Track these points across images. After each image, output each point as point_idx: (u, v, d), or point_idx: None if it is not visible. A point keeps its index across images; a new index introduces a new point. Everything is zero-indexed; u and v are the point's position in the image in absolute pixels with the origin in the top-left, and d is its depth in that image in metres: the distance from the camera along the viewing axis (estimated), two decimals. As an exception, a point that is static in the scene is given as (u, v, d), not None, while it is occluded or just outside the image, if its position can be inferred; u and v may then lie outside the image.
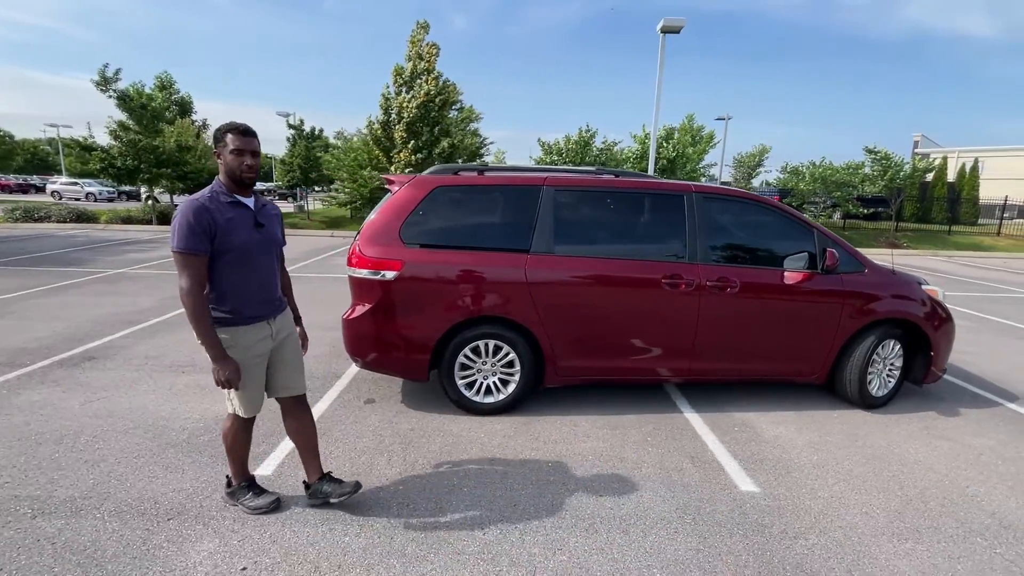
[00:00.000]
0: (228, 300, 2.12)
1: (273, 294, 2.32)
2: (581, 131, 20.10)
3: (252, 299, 2.19)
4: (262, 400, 2.35)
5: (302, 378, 2.47)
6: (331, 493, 2.44)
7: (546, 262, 3.43)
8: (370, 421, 3.47)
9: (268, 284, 2.27)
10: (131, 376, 4.11)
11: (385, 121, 16.23)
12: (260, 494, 2.49)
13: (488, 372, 3.56)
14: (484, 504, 2.60)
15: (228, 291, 2.12)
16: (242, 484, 2.49)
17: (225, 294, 2.12)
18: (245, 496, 2.46)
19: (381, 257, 3.35)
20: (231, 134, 2.05)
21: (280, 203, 35.41)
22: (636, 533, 2.42)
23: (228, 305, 2.13)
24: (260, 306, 2.22)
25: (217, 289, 2.10)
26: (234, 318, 2.14)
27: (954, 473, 3.05)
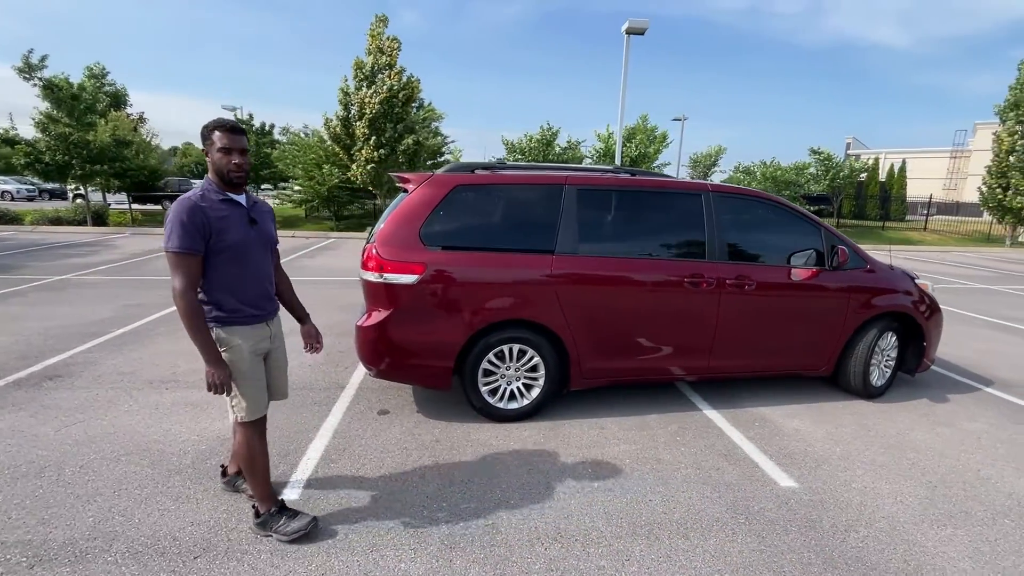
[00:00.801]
0: (227, 299, 2.08)
1: (270, 295, 2.27)
2: (543, 129, 20.20)
3: (251, 297, 2.14)
4: (267, 400, 2.27)
5: (286, 383, 2.47)
6: (247, 489, 2.44)
7: (572, 263, 3.35)
8: (391, 434, 3.28)
9: (266, 282, 2.23)
10: (106, 395, 3.69)
11: (345, 117, 15.65)
12: (294, 516, 2.29)
13: (512, 377, 3.45)
14: (536, 516, 2.50)
15: (226, 290, 2.07)
16: (272, 511, 2.29)
17: (224, 293, 2.07)
18: (278, 523, 2.26)
19: (402, 260, 3.16)
20: (219, 131, 2.00)
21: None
22: (696, 537, 2.39)
23: (228, 304, 2.08)
24: (260, 305, 2.18)
25: (215, 289, 2.06)
26: (234, 317, 2.10)
27: (964, 457, 3.22)
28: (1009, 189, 18.28)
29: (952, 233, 21.68)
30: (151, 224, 17.07)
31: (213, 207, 2.01)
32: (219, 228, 2.00)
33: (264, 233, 2.21)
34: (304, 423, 3.38)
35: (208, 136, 2.02)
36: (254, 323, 2.16)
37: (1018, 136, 18.21)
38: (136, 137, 18.08)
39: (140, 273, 8.45)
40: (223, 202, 2.05)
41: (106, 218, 17.45)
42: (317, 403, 3.70)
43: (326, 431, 3.29)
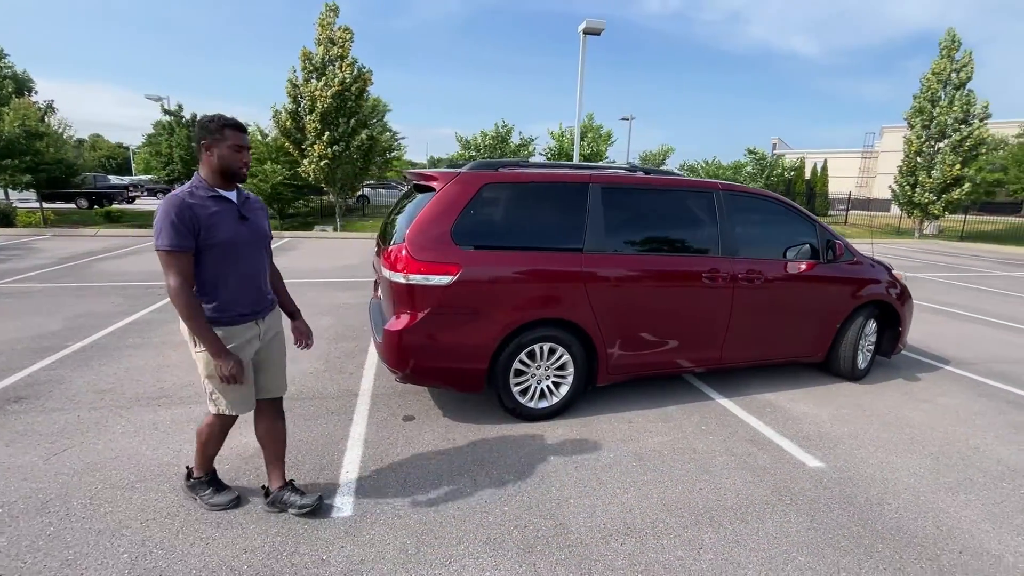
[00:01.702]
0: (216, 297, 2.06)
1: (263, 291, 2.26)
2: (497, 126, 20.19)
3: (241, 296, 2.13)
4: (253, 399, 2.28)
5: (284, 379, 2.46)
6: (293, 503, 2.39)
7: (600, 260, 3.38)
8: (424, 440, 3.18)
9: (258, 280, 2.22)
10: (91, 417, 3.32)
11: (294, 111, 14.88)
12: (220, 490, 2.43)
13: (542, 376, 3.44)
14: (600, 513, 2.52)
15: (216, 288, 2.06)
16: (202, 477, 2.42)
17: (213, 291, 2.06)
18: (205, 491, 2.41)
19: (436, 260, 3.06)
20: (230, 130, 2.02)
21: (154, 200, 30.97)
22: (754, 521, 2.50)
23: (216, 303, 2.07)
24: (250, 303, 2.17)
25: (204, 286, 2.04)
26: (221, 317, 2.08)
27: (951, 430, 3.58)
28: (917, 186, 20.36)
29: (868, 227, 23.88)
30: (67, 224, 15.42)
31: (202, 203, 1.98)
32: (208, 224, 1.98)
33: (256, 230, 2.18)
34: (330, 434, 3.21)
35: (217, 133, 2.00)
36: (241, 323, 2.14)
37: (924, 139, 20.33)
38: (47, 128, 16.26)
39: (80, 279, 7.63)
40: (213, 199, 2.03)
41: (13, 219, 15.58)
42: (335, 412, 3.51)
43: (355, 441, 3.13)
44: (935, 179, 19.72)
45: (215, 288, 2.06)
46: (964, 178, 19.51)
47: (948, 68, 20.08)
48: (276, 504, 2.40)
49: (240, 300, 2.12)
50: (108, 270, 8.40)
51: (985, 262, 14.47)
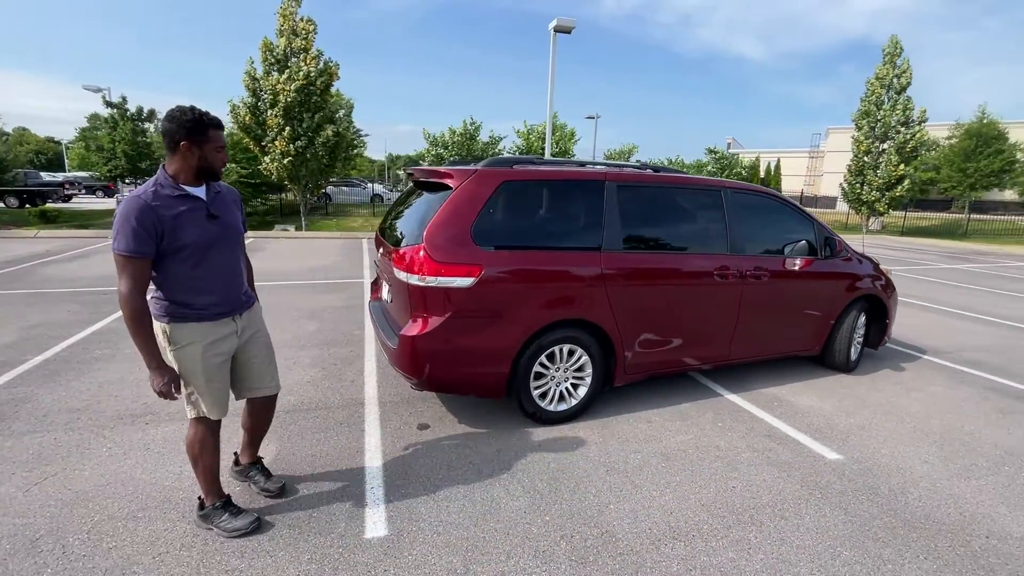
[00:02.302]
0: (183, 296, 2.02)
1: (238, 288, 2.21)
2: (465, 123, 19.97)
3: (213, 295, 2.08)
4: (228, 401, 2.22)
5: (273, 377, 2.40)
6: (259, 483, 2.48)
7: (618, 259, 3.34)
8: (446, 450, 3.04)
9: (231, 278, 2.16)
10: (69, 439, 3.00)
11: (254, 105, 14.18)
12: (237, 514, 2.27)
13: (561, 379, 3.37)
14: (643, 518, 2.47)
15: (186, 288, 2.01)
16: (216, 505, 2.26)
17: (182, 292, 2.01)
18: (221, 518, 2.24)
19: (457, 262, 2.93)
20: (214, 130, 1.99)
21: (93, 198, 28.90)
22: (793, 517, 2.52)
23: (184, 300, 2.02)
24: (224, 302, 2.12)
25: (173, 287, 2.00)
26: (188, 313, 2.03)
27: (946, 417, 3.75)
28: (864, 185, 21.58)
29: (820, 223, 25.13)
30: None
31: (166, 204, 1.91)
32: (173, 227, 1.91)
33: (227, 226, 2.11)
34: (344, 447, 3.02)
35: (201, 134, 1.95)
36: (214, 319, 2.08)
37: (870, 140, 21.56)
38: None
39: (27, 285, 6.96)
40: (179, 198, 1.95)
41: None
42: (344, 423, 3.32)
43: (373, 453, 2.96)
44: (880, 178, 20.96)
45: (183, 287, 2.01)
46: (906, 177, 20.83)
47: (891, 73, 21.37)
48: (242, 476, 2.54)
49: (213, 298, 2.08)
50: (57, 275, 7.71)
51: (929, 255, 15.49)
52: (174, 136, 1.92)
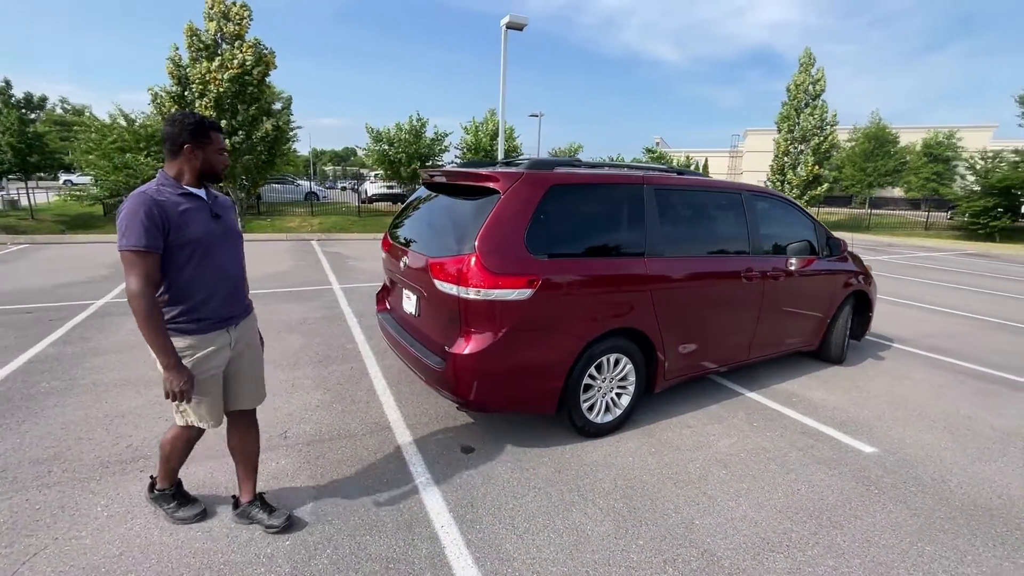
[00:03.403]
0: (186, 300, 1.96)
1: (239, 294, 2.17)
2: (412, 119, 19.33)
3: (215, 300, 2.03)
4: (222, 413, 2.19)
5: (259, 390, 2.33)
6: (261, 521, 2.32)
7: (661, 264, 3.28)
8: (503, 475, 2.83)
9: (234, 282, 2.12)
10: (47, 499, 2.46)
11: (180, 94, 12.84)
12: (184, 504, 2.34)
13: (606, 389, 3.26)
14: (731, 531, 2.42)
15: (188, 290, 1.95)
16: (166, 490, 2.32)
17: (184, 293, 1.95)
18: (169, 504, 2.32)
19: (515, 273, 2.73)
20: (215, 133, 2.02)
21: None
22: (865, 516, 2.58)
23: (185, 306, 1.96)
24: (223, 307, 2.06)
25: (175, 290, 1.94)
26: (190, 325, 1.98)
27: (941, 403, 4.05)
28: (786, 183, 23.37)
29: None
30: None
31: (172, 200, 1.89)
32: (179, 223, 1.88)
33: (229, 227, 2.10)
34: (389, 480, 2.73)
35: (204, 137, 1.97)
36: (209, 331, 2.02)
37: (789, 142, 23.38)
38: None
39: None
40: (182, 196, 1.94)
41: None
42: (378, 452, 3.01)
43: (425, 485, 2.70)
44: (800, 176, 22.80)
45: (187, 289, 1.95)
46: (821, 176, 22.81)
47: (807, 81, 23.26)
48: (245, 518, 2.33)
49: (213, 303, 2.01)
50: (-46, 291, 6.50)
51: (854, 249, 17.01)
52: (176, 139, 1.92)
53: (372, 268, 9.09)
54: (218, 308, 2.04)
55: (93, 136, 15.51)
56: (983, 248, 18.42)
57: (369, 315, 5.86)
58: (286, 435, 3.16)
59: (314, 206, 21.00)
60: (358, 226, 18.04)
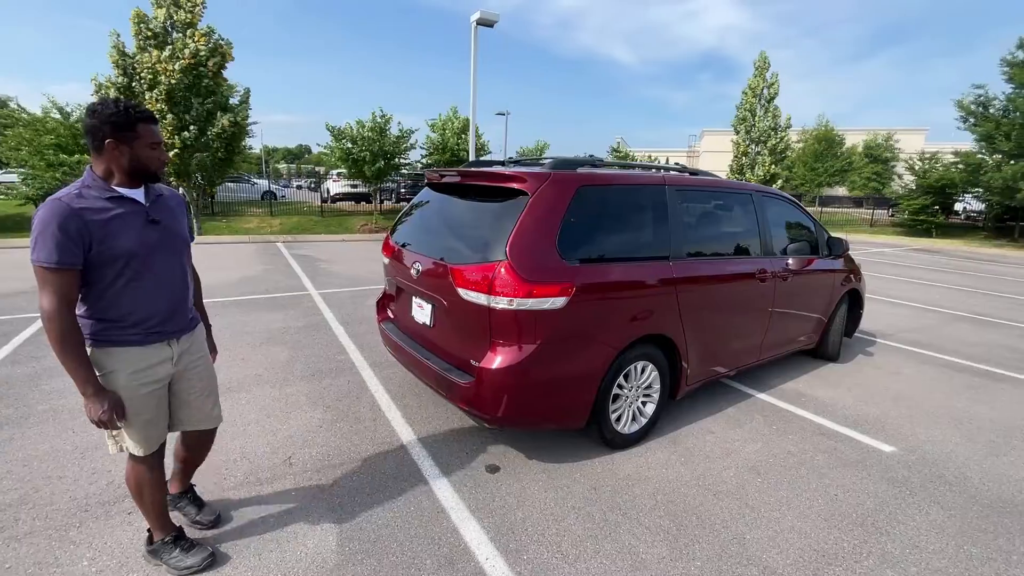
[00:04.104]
0: (113, 314, 1.76)
1: (182, 306, 1.95)
2: (375, 116, 18.69)
3: (152, 314, 1.82)
4: (162, 434, 1.98)
5: (213, 409, 2.16)
6: (190, 515, 2.26)
7: (685, 268, 3.19)
8: (537, 495, 2.66)
9: (175, 294, 1.91)
10: (22, 555, 2.11)
11: (127, 86, 11.88)
12: (190, 550, 2.07)
13: (632, 398, 3.14)
14: (785, 544, 2.34)
15: (114, 304, 1.75)
16: (166, 540, 2.05)
17: (113, 309, 1.75)
18: (172, 554, 2.04)
19: (549, 280, 2.55)
20: (144, 124, 1.74)
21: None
22: (906, 520, 2.57)
23: (113, 320, 1.76)
24: (161, 322, 1.86)
25: (101, 304, 1.74)
26: (113, 335, 1.77)
27: (936, 398, 4.17)
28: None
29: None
30: None
31: (94, 208, 1.67)
32: (104, 233, 1.67)
33: (170, 234, 1.87)
34: (417, 508, 2.50)
35: (128, 129, 1.70)
36: (145, 343, 1.82)
37: (747, 143, 24.23)
38: None
39: None
40: (111, 200, 1.71)
41: None
42: (397, 477, 2.77)
43: (457, 511, 2.49)
44: (758, 176, 23.66)
45: (117, 307, 1.75)
46: (778, 175, 23.76)
47: (761, 85, 24.15)
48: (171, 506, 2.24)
49: (149, 318, 1.81)
50: None
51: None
52: (97, 133, 1.68)
53: (348, 272, 8.68)
54: (157, 321, 1.85)
55: (22, 131, 14.23)
56: (927, 244, 19.65)
57: (355, 323, 5.54)
58: (291, 461, 2.87)
59: (273, 206, 20.06)
60: (321, 226, 17.39)
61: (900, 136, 38.92)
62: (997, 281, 10.92)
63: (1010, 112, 18.38)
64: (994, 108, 19.15)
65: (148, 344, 1.83)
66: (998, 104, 19.01)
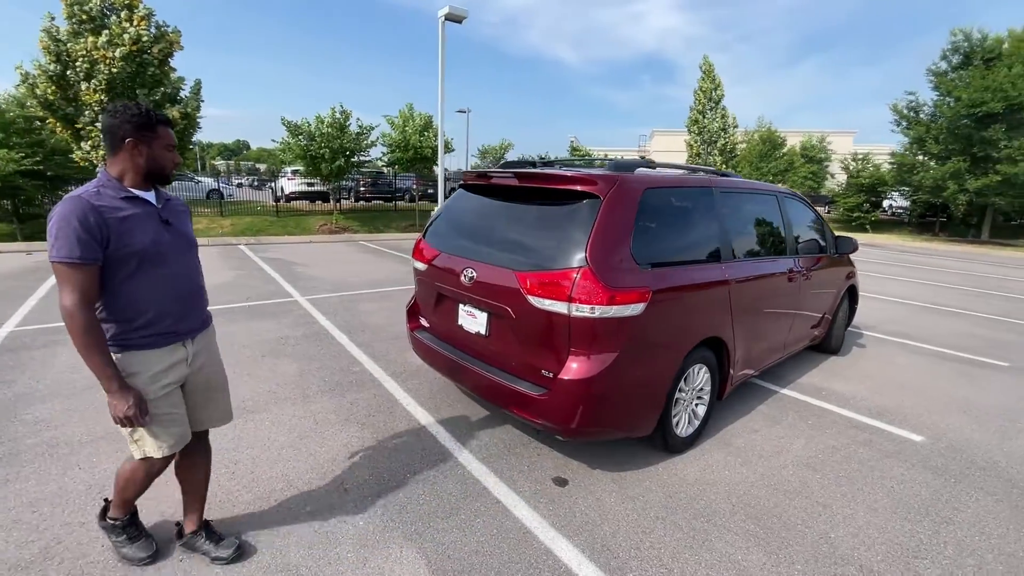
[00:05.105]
0: (131, 315, 1.77)
1: (196, 305, 1.98)
2: (334, 111, 17.93)
3: (167, 314, 1.84)
4: (186, 433, 1.97)
5: (223, 409, 2.16)
6: (208, 552, 2.13)
7: (735, 269, 3.22)
8: (614, 507, 2.58)
9: (189, 293, 1.94)
10: None
11: (60, 74, 10.74)
12: (136, 540, 2.08)
13: (688, 401, 3.13)
14: (870, 540, 2.40)
15: (135, 307, 1.77)
16: (118, 521, 2.07)
17: (130, 311, 1.77)
18: (118, 537, 2.08)
19: (630, 286, 2.48)
20: (164, 127, 1.81)
21: None
22: (963, 508, 2.70)
23: (131, 321, 1.77)
24: (176, 321, 1.87)
25: (120, 304, 1.75)
26: (133, 339, 1.78)
27: (937, 384, 4.45)
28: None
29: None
30: None
31: (112, 206, 1.70)
32: (122, 231, 1.70)
33: (182, 235, 1.93)
34: (499, 530, 2.37)
35: (149, 131, 1.76)
36: (163, 345, 1.84)
37: (699, 143, 25.20)
38: None
39: None
40: (127, 200, 1.75)
41: None
42: (467, 496, 2.61)
43: (542, 531, 2.37)
44: (710, 175, 24.70)
45: (134, 305, 1.76)
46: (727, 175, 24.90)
47: (709, 87, 25.19)
48: (189, 548, 2.15)
49: (164, 317, 1.82)
50: None
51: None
52: (117, 133, 1.73)
53: (329, 276, 8.24)
54: (171, 321, 1.85)
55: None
56: (866, 239, 21.16)
57: (358, 331, 5.25)
58: (345, 487, 2.65)
59: (223, 206, 18.84)
60: (278, 227, 16.56)
61: (832, 138, 41.77)
62: (939, 273, 11.91)
63: (937, 118, 20.12)
64: (924, 113, 20.90)
65: (164, 346, 1.84)
66: (927, 110, 20.78)
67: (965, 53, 20.24)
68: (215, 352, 2.13)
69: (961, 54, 20.37)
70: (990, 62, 19.38)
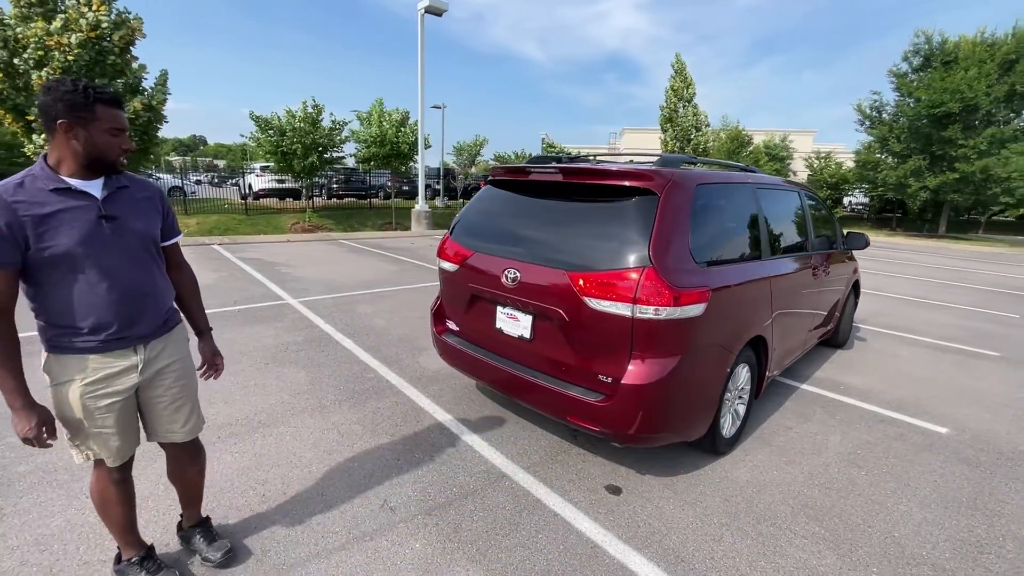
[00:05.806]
0: (68, 319, 1.60)
1: (142, 309, 1.72)
2: (305, 105, 17.29)
3: (109, 320, 1.63)
4: (130, 448, 1.82)
5: (190, 419, 1.94)
6: (200, 550, 2.06)
7: (775, 267, 3.20)
8: (674, 514, 2.50)
9: (132, 296, 1.68)
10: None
11: (8, 61, 9.92)
12: (158, 572, 1.92)
13: (732, 400, 3.07)
14: (931, 536, 2.39)
15: (70, 311, 1.59)
16: (133, 559, 1.91)
17: (63, 313, 1.59)
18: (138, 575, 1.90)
19: (692, 286, 2.39)
20: (103, 106, 1.56)
21: None
22: (1006, 500, 2.74)
23: (68, 325, 1.60)
24: (124, 327, 1.67)
25: (56, 308, 1.59)
26: (74, 343, 1.62)
27: (942, 378, 4.57)
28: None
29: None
30: None
31: (34, 200, 1.50)
32: (42, 231, 1.50)
33: (129, 231, 1.66)
34: (564, 545, 2.24)
35: (84, 110, 1.52)
36: (105, 351, 1.65)
37: (673, 140, 25.61)
38: None
39: None
40: (56, 193, 1.53)
41: None
42: (520, 510, 2.47)
43: (607, 541, 2.27)
44: (683, 173, 25.15)
45: (67, 308, 1.58)
46: (700, 172, 25.43)
47: (681, 86, 25.62)
48: (185, 542, 2.11)
49: (106, 323, 1.62)
50: None
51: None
52: (50, 113, 1.51)
53: (317, 277, 7.89)
54: (114, 327, 1.64)
55: None
56: (829, 234, 22.00)
57: (362, 335, 5.01)
58: (390, 505, 2.47)
59: (187, 204, 17.93)
60: (248, 226, 15.86)
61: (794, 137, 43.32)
62: (908, 267, 12.44)
63: (899, 117, 21.05)
64: (886, 113, 21.84)
65: (109, 352, 1.65)
66: (890, 110, 21.72)
67: (925, 55, 21.26)
68: (184, 358, 1.90)
69: (922, 56, 21.38)
70: (948, 64, 20.42)
